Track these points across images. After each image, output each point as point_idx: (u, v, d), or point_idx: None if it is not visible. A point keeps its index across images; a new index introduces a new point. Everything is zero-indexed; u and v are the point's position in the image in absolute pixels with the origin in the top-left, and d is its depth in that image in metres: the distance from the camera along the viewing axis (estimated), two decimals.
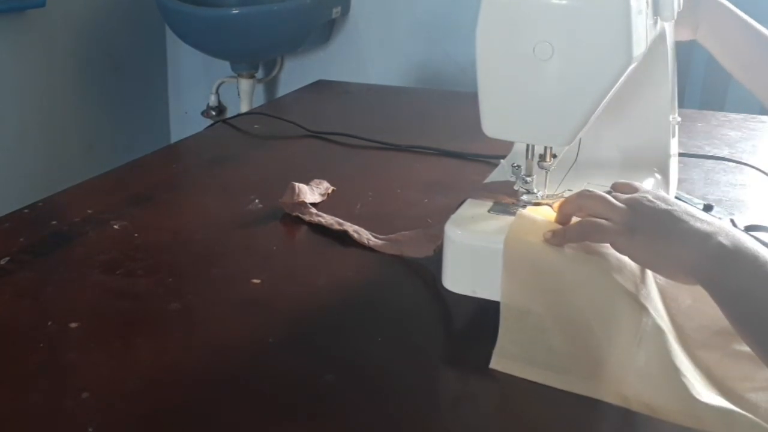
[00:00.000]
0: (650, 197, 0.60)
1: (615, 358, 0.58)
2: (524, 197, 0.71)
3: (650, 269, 0.61)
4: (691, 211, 0.59)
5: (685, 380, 0.56)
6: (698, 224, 0.57)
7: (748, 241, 0.56)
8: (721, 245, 0.55)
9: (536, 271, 0.62)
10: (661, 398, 0.56)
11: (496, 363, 0.61)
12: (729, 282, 0.55)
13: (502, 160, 0.79)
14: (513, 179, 0.72)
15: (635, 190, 0.63)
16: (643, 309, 0.59)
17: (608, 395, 0.57)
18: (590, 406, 0.57)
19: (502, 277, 0.62)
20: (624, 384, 0.57)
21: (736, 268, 0.55)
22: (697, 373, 0.58)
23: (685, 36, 0.84)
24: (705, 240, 0.56)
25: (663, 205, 0.59)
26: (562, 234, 0.62)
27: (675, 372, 0.56)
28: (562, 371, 0.59)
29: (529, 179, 0.71)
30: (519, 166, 0.71)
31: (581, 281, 0.61)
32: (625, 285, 0.60)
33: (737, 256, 0.55)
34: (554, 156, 0.70)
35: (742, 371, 0.56)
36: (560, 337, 0.60)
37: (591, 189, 0.64)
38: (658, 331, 0.58)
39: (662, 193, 0.62)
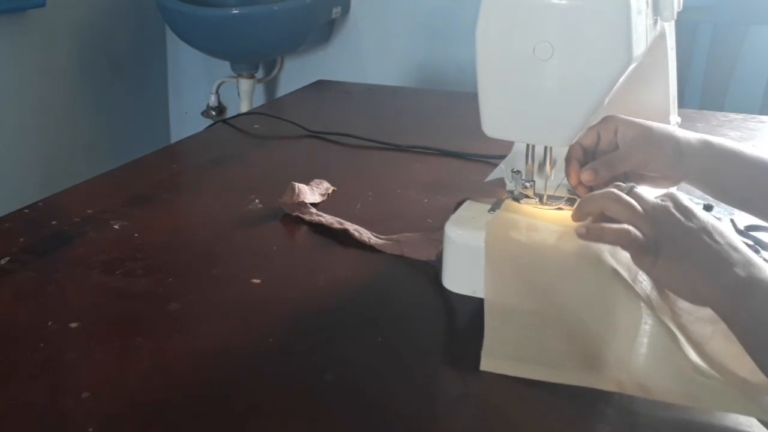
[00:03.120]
0: (674, 209, 0.59)
1: (607, 344, 0.58)
2: (523, 201, 0.71)
3: (671, 292, 0.61)
4: (711, 229, 0.57)
5: (679, 359, 0.56)
6: (717, 249, 0.56)
7: (765, 271, 0.55)
8: (736, 277, 0.54)
9: (519, 266, 0.62)
10: (655, 378, 0.56)
11: (486, 364, 0.60)
12: (743, 316, 0.54)
13: (501, 165, 0.79)
14: (512, 185, 0.72)
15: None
16: (632, 292, 0.59)
17: (603, 383, 0.57)
18: (592, 405, 0.57)
19: (485, 276, 0.63)
20: (618, 369, 0.57)
21: (751, 301, 0.54)
22: (689, 349, 0.58)
23: (665, 186, 0.74)
24: (721, 271, 0.55)
25: (685, 222, 0.58)
26: (599, 232, 0.60)
27: (669, 351, 0.56)
28: (554, 365, 0.59)
29: (528, 185, 0.71)
30: (519, 172, 0.71)
31: (566, 272, 0.61)
32: (616, 268, 0.60)
33: (752, 288, 0.54)
34: (554, 162, 0.70)
35: (734, 347, 0.56)
36: (549, 331, 0.60)
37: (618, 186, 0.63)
38: (650, 312, 0.58)
39: (685, 201, 0.60)
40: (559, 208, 0.70)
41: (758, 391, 0.54)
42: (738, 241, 0.57)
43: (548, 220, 0.67)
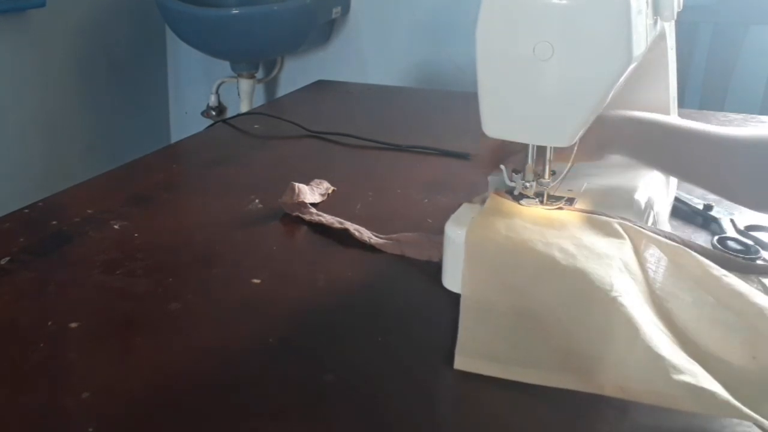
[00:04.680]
0: None
1: (585, 345, 0.58)
2: (523, 201, 0.71)
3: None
4: None
5: (658, 359, 0.55)
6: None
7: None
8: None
9: (497, 267, 0.63)
10: (634, 380, 0.56)
11: (459, 363, 0.60)
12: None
13: (501, 165, 0.79)
14: (513, 185, 0.72)
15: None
16: (610, 293, 0.59)
17: (581, 384, 0.57)
18: (593, 406, 0.57)
19: (463, 274, 0.63)
20: (597, 370, 0.57)
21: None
22: (669, 343, 0.58)
23: (590, 160, 0.76)
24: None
25: None
26: None
27: (647, 352, 0.56)
28: (529, 365, 0.59)
29: (528, 185, 0.71)
30: (519, 172, 0.71)
31: (544, 274, 0.61)
32: (594, 267, 0.60)
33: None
34: (553, 172, 0.70)
35: (718, 331, 0.56)
36: (525, 331, 0.60)
37: None
38: (629, 315, 0.58)
39: None
40: (560, 208, 0.70)
41: (738, 387, 0.54)
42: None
43: (529, 219, 0.67)
